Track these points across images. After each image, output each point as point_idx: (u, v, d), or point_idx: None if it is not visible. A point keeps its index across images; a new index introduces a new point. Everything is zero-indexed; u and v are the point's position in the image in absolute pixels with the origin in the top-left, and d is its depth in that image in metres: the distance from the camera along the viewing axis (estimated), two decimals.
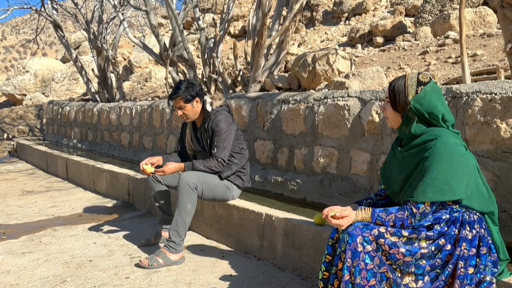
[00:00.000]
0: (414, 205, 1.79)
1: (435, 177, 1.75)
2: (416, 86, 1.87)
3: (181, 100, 3.17)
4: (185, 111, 3.20)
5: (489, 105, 2.80)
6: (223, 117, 3.19)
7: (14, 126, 13.16)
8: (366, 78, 4.77)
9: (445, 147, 1.76)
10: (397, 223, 1.80)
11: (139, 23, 14.49)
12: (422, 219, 1.78)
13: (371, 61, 6.34)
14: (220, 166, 3.15)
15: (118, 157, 8.04)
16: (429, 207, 1.78)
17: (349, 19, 11.03)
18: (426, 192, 1.76)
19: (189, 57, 7.38)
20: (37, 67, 16.73)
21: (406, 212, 1.80)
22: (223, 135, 3.14)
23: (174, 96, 3.18)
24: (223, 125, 3.15)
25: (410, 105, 1.86)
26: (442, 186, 1.75)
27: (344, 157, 3.95)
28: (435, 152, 1.76)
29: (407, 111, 1.88)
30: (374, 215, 1.84)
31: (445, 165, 1.74)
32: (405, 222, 1.79)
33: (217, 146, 3.14)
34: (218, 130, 3.15)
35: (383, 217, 1.82)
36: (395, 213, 1.81)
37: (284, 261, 2.90)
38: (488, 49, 5.40)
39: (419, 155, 1.82)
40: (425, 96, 1.85)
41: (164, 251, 3.02)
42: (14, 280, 2.86)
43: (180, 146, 3.52)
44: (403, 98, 1.88)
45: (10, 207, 4.97)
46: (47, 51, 48.22)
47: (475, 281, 1.74)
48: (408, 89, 1.88)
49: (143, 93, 11.33)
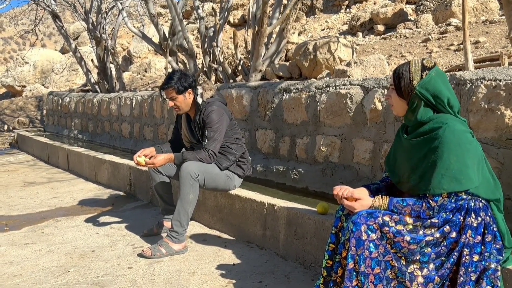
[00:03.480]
0: (432, 198, 1.76)
1: (448, 167, 1.72)
2: (421, 71, 1.84)
3: (173, 91, 3.12)
4: (176, 102, 3.16)
5: (494, 92, 2.78)
6: (214, 109, 3.13)
7: (14, 118, 13.13)
8: (368, 66, 4.73)
9: (453, 135, 1.74)
10: (413, 214, 1.78)
11: (138, 13, 14.38)
12: (440, 211, 1.76)
13: (372, 49, 6.29)
14: (210, 158, 3.11)
15: (119, 147, 8.02)
16: (447, 198, 1.75)
17: (350, 7, 10.93)
18: (442, 183, 1.73)
19: (189, 46, 7.33)
20: (37, 58, 16.65)
21: (423, 205, 1.76)
22: (213, 127, 3.10)
23: (166, 86, 3.14)
24: (214, 117, 3.10)
25: (415, 91, 1.84)
26: (457, 176, 1.72)
27: (346, 146, 3.93)
28: (445, 141, 1.74)
29: (412, 97, 1.86)
30: (391, 204, 1.81)
31: (456, 154, 1.72)
32: (422, 215, 1.77)
33: (208, 138, 3.11)
34: (209, 122, 3.11)
35: (400, 208, 1.79)
36: (412, 205, 1.78)
37: (287, 250, 2.90)
38: (490, 36, 5.35)
39: (427, 144, 1.80)
40: (430, 81, 1.83)
41: (167, 241, 3.02)
42: (17, 270, 2.86)
43: (174, 136, 3.49)
44: (408, 83, 1.86)
45: (12, 199, 4.97)
46: (46, 42, 47.99)
47: (480, 269, 1.73)
48: (413, 75, 1.85)
49: (143, 84, 11.28)
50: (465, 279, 1.70)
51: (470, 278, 1.71)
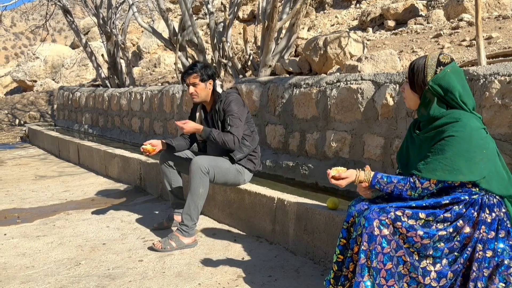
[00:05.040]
0: (419, 179, 1.77)
1: (449, 157, 1.72)
2: (436, 67, 1.83)
3: (197, 77, 3.17)
4: (197, 89, 3.19)
5: (508, 88, 2.74)
6: (234, 98, 3.19)
7: (25, 112, 13.25)
8: (379, 61, 4.70)
9: (465, 129, 1.73)
10: (395, 192, 1.81)
11: (148, 8, 14.40)
12: (422, 195, 1.78)
13: (383, 45, 6.24)
14: (235, 142, 3.11)
15: (129, 142, 8.07)
16: (434, 185, 1.77)
17: (360, 2, 10.84)
18: (436, 170, 1.74)
19: (198, 41, 7.33)
20: (47, 53, 16.78)
21: (407, 184, 1.79)
22: (235, 114, 3.13)
23: (190, 71, 3.20)
24: (234, 106, 3.15)
25: (428, 86, 1.82)
26: (454, 167, 1.72)
27: (357, 142, 3.92)
28: (454, 134, 1.73)
29: (425, 91, 1.84)
30: (374, 179, 1.86)
31: (462, 147, 1.71)
32: (404, 193, 1.79)
33: (231, 125, 3.12)
34: (229, 110, 3.14)
35: (383, 183, 1.84)
36: (395, 183, 1.82)
37: (297, 245, 2.90)
38: (503, 31, 5.28)
39: (437, 136, 1.79)
40: (444, 77, 1.81)
41: (177, 234, 3.03)
42: (29, 262, 2.90)
43: None
44: (422, 78, 1.84)
45: (24, 192, 5.02)
46: (56, 37, 48.30)
47: (493, 265, 1.72)
48: (427, 70, 1.84)
49: (153, 79, 11.31)
50: (477, 274, 1.69)
51: (483, 274, 1.69)
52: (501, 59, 4.24)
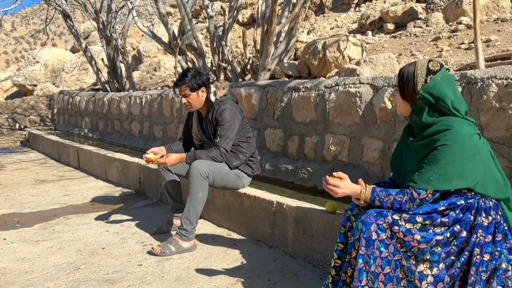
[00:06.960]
0: (416, 190, 1.77)
1: (443, 166, 1.72)
2: (426, 75, 1.82)
3: (187, 88, 3.14)
4: (189, 99, 3.17)
5: (505, 91, 2.75)
6: (227, 107, 3.15)
7: (25, 116, 13.27)
8: (378, 64, 4.71)
9: (457, 137, 1.73)
10: (395, 205, 1.80)
11: (147, 12, 14.44)
12: (421, 205, 1.77)
13: (382, 48, 6.26)
14: (222, 156, 3.11)
15: (129, 146, 8.08)
16: (431, 195, 1.77)
17: (359, 5, 10.87)
18: (431, 180, 1.74)
19: (198, 45, 7.35)
20: (47, 58, 16.81)
21: (406, 196, 1.78)
22: (226, 125, 3.11)
23: (180, 83, 3.15)
24: (227, 115, 3.11)
25: (419, 95, 1.82)
26: (448, 175, 1.72)
27: (355, 145, 3.92)
28: (447, 143, 1.73)
29: (416, 100, 1.84)
30: (374, 193, 1.85)
31: (456, 156, 1.71)
32: (403, 206, 1.79)
33: (220, 136, 3.11)
34: (221, 120, 3.11)
35: (382, 197, 1.82)
36: (394, 195, 1.80)
37: (296, 249, 2.90)
38: (502, 34, 5.29)
39: (430, 145, 1.79)
40: (435, 85, 1.80)
41: (176, 238, 3.04)
42: (28, 267, 2.90)
43: (184, 135, 3.51)
44: (412, 87, 1.83)
45: (24, 196, 5.03)
46: (56, 42, 48.40)
47: (490, 268, 1.72)
48: (417, 78, 1.82)
49: (153, 83, 11.34)
50: (475, 278, 1.69)
51: (480, 277, 1.70)
52: (500, 62, 4.25)
